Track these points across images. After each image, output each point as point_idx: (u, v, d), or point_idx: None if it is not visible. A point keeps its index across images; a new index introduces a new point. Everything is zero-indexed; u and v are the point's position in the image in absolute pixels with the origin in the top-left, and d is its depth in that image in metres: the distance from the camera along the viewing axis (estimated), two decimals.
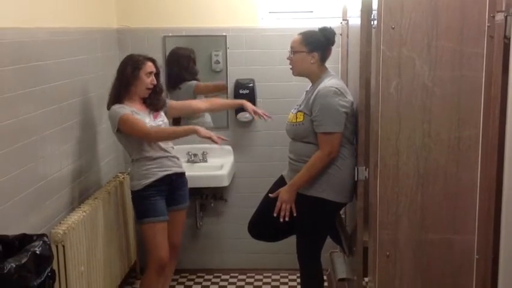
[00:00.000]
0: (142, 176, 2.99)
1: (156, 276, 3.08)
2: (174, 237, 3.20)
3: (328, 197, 2.83)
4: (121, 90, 3.00)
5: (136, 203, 3.05)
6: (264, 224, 3.15)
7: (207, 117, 3.91)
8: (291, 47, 2.91)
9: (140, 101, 3.06)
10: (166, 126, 3.14)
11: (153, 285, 3.10)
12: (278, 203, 2.87)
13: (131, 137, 2.97)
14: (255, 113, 3.27)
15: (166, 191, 3.08)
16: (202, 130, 2.94)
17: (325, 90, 2.76)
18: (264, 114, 3.25)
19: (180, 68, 3.84)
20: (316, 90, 2.80)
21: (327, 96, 2.75)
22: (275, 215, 2.86)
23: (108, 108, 3.03)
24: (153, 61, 3.07)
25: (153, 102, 3.08)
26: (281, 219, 2.85)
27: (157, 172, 3.02)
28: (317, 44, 2.86)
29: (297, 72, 2.95)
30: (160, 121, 3.09)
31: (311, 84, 2.96)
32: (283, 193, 2.86)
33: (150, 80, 3.02)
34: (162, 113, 3.15)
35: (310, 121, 2.81)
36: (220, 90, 3.82)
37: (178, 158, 3.16)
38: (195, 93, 3.85)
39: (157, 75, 3.07)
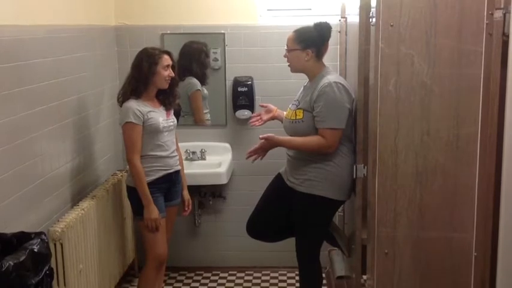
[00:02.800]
0: (146, 173, 2.96)
1: (154, 273, 3.09)
2: (167, 233, 3.20)
3: (327, 194, 2.82)
4: (139, 86, 2.97)
5: (137, 199, 3.00)
6: (263, 225, 3.15)
7: (207, 116, 3.92)
8: (286, 45, 2.90)
9: (155, 96, 3.05)
10: (175, 127, 3.13)
11: (150, 282, 3.10)
12: (257, 147, 2.91)
13: (145, 131, 2.95)
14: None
15: (165, 188, 3.08)
16: (150, 219, 2.95)
17: (331, 86, 2.74)
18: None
19: (191, 60, 3.82)
20: (320, 86, 2.77)
21: (333, 92, 2.74)
22: (246, 155, 2.96)
23: (121, 101, 3.00)
24: (169, 54, 3.05)
25: (167, 99, 3.07)
26: (247, 156, 2.95)
27: (161, 170, 3.02)
28: (311, 41, 2.85)
29: (294, 69, 2.95)
30: (171, 121, 3.09)
31: (308, 80, 2.96)
32: (267, 143, 2.89)
33: (168, 73, 2.99)
34: (172, 113, 3.13)
35: (311, 118, 2.79)
36: None
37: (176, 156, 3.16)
38: (190, 99, 3.84)
39: (173, 67, 3.05)
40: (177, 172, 3.15)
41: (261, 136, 2.93)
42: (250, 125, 3.09)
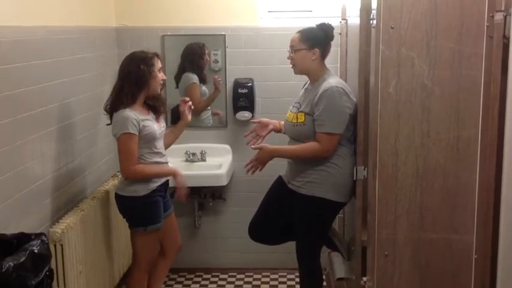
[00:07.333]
0: (149, 180, 2.91)
1: (146, 275, 3.09)
2: (178, 239, 3.24)
3: (329, 196, 2.82)
4: (135, 93, 2.85)
5: (140, 209, 2.91)
6: (265, 228, 3.15)
7: (208, 114, 3.92)
8: (291, 46, 2.90)
9: (143, 104, 2.95)
10: (164, 132, 3.04)
11: (144, 284, 3.10)
12: (253, 159, 2.90)
13: (141, 141, 2.86)
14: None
15: (163, 196, 3.04)
16: (180, 177, 2.92)
17: (331, 90, 2.74)
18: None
19: (185, 60, 3.83)
20: (321, 89, 2.77)
21: (333, 96, 2.74)
22: (244, 167, 2.96)
23: (115, 110, 2.85)
24: (159, 55, 2.98)
25: (155, 104, 2.98)
26: (246, 170, 2.92)
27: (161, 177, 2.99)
28: (317, 40, 2.85)
29: (299, 70, 2.92)
30: (163, 126, 3.02)
31: (309, 82, 2.95)
32: (263, 153, 2.89)
33: (161, 76, 2.94)
34: (162, 118, 3.07)
35: (312, 121, 2.79)
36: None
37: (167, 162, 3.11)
38: (186, 92, 3.81)
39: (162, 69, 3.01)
40: (168, 180, 3.08)
41: (253, 146, 2.94)
42: (251, 147, 3.02)
